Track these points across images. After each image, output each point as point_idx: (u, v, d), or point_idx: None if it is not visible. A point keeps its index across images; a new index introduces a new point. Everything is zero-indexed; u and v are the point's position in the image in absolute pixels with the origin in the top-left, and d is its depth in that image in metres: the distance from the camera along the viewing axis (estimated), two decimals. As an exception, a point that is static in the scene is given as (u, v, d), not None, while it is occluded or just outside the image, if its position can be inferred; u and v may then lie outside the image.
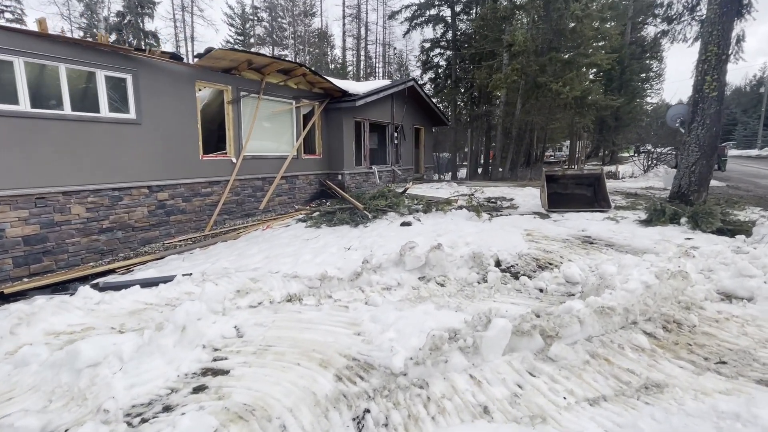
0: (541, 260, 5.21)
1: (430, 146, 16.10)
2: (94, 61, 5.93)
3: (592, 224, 6.86)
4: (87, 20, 26.76)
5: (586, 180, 8.68)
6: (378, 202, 8.04)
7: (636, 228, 6.47)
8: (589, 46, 12.96)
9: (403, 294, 4.27)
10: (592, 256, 5.29)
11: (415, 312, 3.60)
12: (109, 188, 6.27)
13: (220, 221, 8.17)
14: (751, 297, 3.61)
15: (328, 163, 11.01)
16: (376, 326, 3.40)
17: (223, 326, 3.57)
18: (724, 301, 3.66)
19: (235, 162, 8.29)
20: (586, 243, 5.91)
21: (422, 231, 6.71)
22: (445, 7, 18.88)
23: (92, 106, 6.02)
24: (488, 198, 9.86)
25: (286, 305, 4.01)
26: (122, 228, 6.52)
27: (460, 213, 7.71)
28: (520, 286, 4.33)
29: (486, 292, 4.17)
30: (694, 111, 7.57)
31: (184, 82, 7.23)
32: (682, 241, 5.58)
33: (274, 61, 8.31)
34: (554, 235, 6.34)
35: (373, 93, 10.88)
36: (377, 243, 6.15)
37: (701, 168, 7.45)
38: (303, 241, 6.65)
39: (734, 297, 3.69)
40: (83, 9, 26.73)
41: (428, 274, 4.77)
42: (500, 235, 6.30)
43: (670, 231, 6.13)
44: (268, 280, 4.64)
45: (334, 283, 4.44)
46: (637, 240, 5.83)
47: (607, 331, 3.17)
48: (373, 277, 4.51)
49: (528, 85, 13.73)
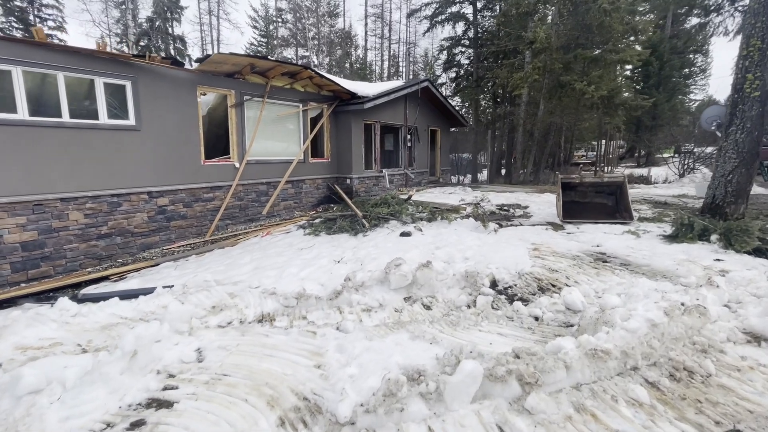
0: (543, 281, 4.74)
1: (447, 148, 15.59)
2: (92, 69, 5.97)
3: (609, 238, 6.26)
4: (123, 26, 28.00)
5: (607, 188, 8.00)
6: (380, 209, 7.73)
7: (658, 245, 5.82)
8: (618, 41, 12.04)
9: (384, 317, 3.95)
10: (603, 277, 4.75)
11: (385, 342, 3.29)
12: (107, 194, 6.31)
13: (222, 226, 8.13)
14: (785, 340, 3.05)
15: (337, 166, 10.81)
16: (341, 358, 3.11)
17: (185, 348, 3.39)
18: (752, 343, 3.10)
19: (238, 167, 8.23)
20: (598, 261, 5.36)
21: (421, 243, 6.34)
22: (467, 4, 18.24)
23: (91, 113, 6.06)
24: (501, 205, 9.32)
25: (256, 326, 3.79)
26: (121, 234, 6.55)
27: (465, 223, 7.27)
28: (512, 312, 3.90)
29: (472, 319, 3.78)
30: (733, 113, 6.77)
31: (186, 87, 7.20)
32: (710, 262, 4.93)
33: (278, 64, 8.17)
34: (564, 250, 5.81)
35: (383, 95, 10.57)
36: (371, 255, 5.85)
37: (739, 177, 6.65)
38: (296, 250, 6.45)
39: (764, 339, 3.12)
40: (119, 15, 27.99)
41: (415, 294, 4.43)
42: (504, 250, 5.84)
43: (697, 250, 5.46)
44: (245, 296, 4.45)
45: (311, 303, 4.18)
46: (658, 259, 5.22)
47: (600, 378, 2.73)
48: (354, 297, 4.22)
49: (551, 84, 12.95)
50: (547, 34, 11.86)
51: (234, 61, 7.46)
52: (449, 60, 19.64)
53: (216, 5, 27.01)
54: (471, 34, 18.78)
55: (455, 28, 18.55)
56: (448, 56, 19.56)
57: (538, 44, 11.89)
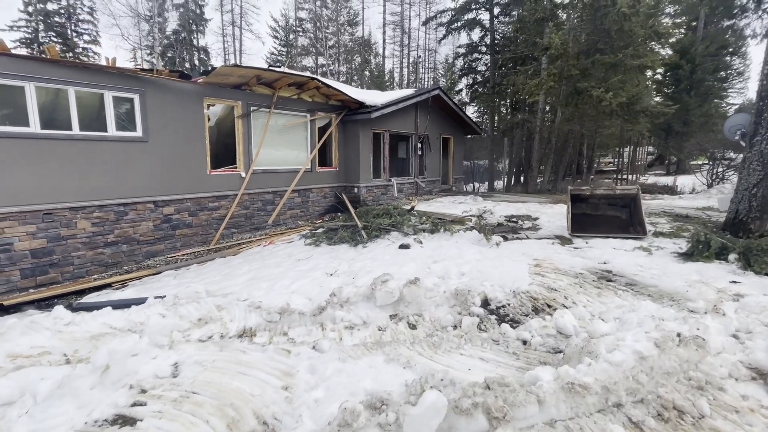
0: (539, 300, 4.52)
1: (460, 156, 15.38)
2: (102, 83, 6.21)
3: (618, 255, 5.93)
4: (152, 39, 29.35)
5: (621, 200, 7.62)
6: (381, 220, 7.65)
7: (671, 263, 5.46)
8: (640, 46, 11.53)
9: (365, 336, 3.85)
10: (604, 298, 4.48)
11: (359, 365, 3.19)
12: (114, 203, 6.52)
13: (227, 235, 8.25)
14: (794, 379, 2.75)
15: (345, 175, 10.82)
16: (310, 380, 3.04)
17: (162, 363, 3.40)
18: (756, 380, 2.81)
19: (244, 176, 8.36)
20: (602, 280, 5.07)
21: (418, 256, 6.21)
22: (484, 11, 18.01)
23: (100, 125, 6.29)
24: (509, 216, 9.05)
25: (235, 342, 3.77)
26: (127, 242, 6.75)
27: (468, 235, 7.08)
28: (499, 335, 3.72)
29: (455, 341, 3.62)
30: (758, 122, 6.32)
31: (192, 99, 7.39)
32: (725, 284, 4.57)
33: (284, 75, 8.28)
34: (567, 267, 5.54)
35: (391, 104, 10.54)
36: (366, 268, 5.77)
37: (764, 190, 6.18)
38: (294, 261, 6.45)
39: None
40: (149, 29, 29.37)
41: (402, 311, 4.31)
42: (503, 265, 5.63)
43: (713, 270, 5.08)
44: (232, 309, 4.46)
45: (294, 318, 4.14)
46: (667, 279, 4.89)
47: (578, 415, 2.53)
48: (338, 314, 4.14)
49: (568, 90, 12.55)
50: (563, 40, 11.52)
51: (240, 73, 7.61)
52: (466, 67, 19.43)
53: (239, 17, 27.88)
54: (488, 40, 18.55)
55: (470, 36, 18.32)
56: (465, 63, 19.36)
57: (553, 50, 11.56)
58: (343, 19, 35.00)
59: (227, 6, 28.62)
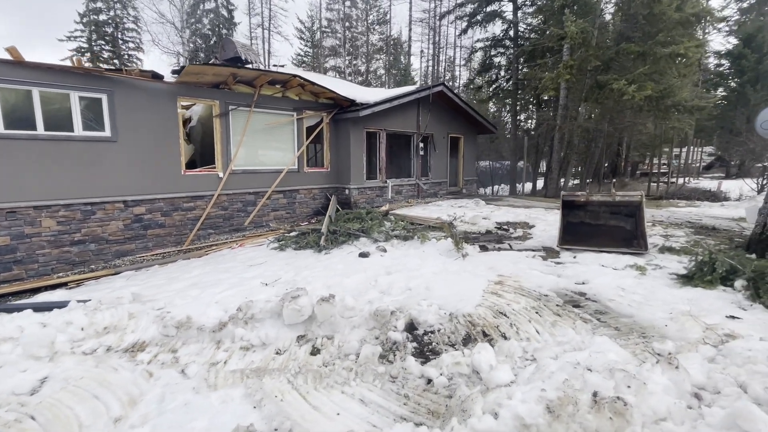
0: (478, 327, 3.85)
1: (472, 157, 14.45)
2: (67, 84, 6.27)
3: (602, 274, 5.03)
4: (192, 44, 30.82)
5: (625, 209, 6.57)
6: (351, 225, 7.17)
7: (662, 287, 4.51)
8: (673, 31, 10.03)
9: (255, 359, 3.41)
10: (558, 329, 3.72)
11: (210, 399, 2.77)
12: (81, 203, 6.58)
13: (204, 235, 8.16)
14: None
15: (337, 176, 10.45)
16: (149, 412, 2.66)
17: (29, 377, 3.19)
18: (696, 469, 2.04)
19: (221, 176, 8.22)
20: (568, 305, 4.27)
21: (374, 266, 5.67)
22: (506, 1, 16.87)
23: (66, 125, 6.36)
24: (502, 223, 8.20)
25: (115, 357, 3.48)
26: (95, 241, 6.80)
27: (439, 244, 6.42)
28: (400, 370, 3.13)
29: (344, 375, 3.08)
30: (795, 116, 5.12)
31: (165, 99, 7.33)
32: (720, 319, 3.63)
33: (262, 73, 8.04)
34: (534, 286, 4.76)
35: (384, 102, 10.00)
36: (310, 278, 5.34)
37: (800, 201, 4.98)
38: (246, 267, 6.15)
39: (718, 465, 2.04)
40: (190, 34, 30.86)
41: (313, 332, 3.82)
42: (459, 281, 4.96)
43: (712, 299, 4.09)
44: (142, 318, 4.20)
45: (191, 334, 3.79)
46: (648, 309, 4.00)
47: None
48: (238, 331, 3.74)
49: (589, 84, 11.27)
50: (582, 29, 10.33)
51: (214, 71, 7.46)
52: (487, 62, 18.32)
53: (267, 20, 28.51)
54: (512, 33, 17.36)
55: (486, 29, 17.13)
56: (486, 58, 18.25)
57: (569, 40, 10.39)
58: (372, 18, 34.74)
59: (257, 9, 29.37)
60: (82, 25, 30.72)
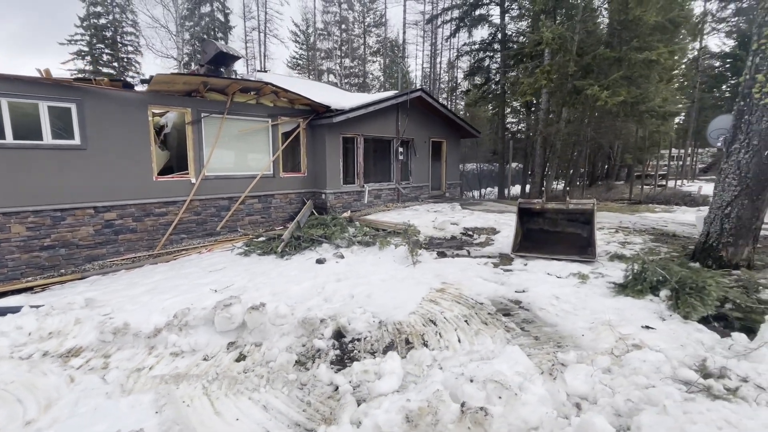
0: (404, 335, 3.98)
1: (455, 161, 14.54)
2: (36, 94, 6.47)
3: (544, 282, 5.13)
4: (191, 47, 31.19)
5: (581, 216, 6.64)
6: (314, 231, 7.32)
7: (595, 297, 4.60)
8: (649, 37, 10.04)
9: (181, 365, 3.56)
10: (479, 338, 3.84)
11: (119, 405, 2.91)
12: (50, 209, 6.78)
13: (177, 240, 8.34)
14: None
15: (314, 181, 10.60)
16: (60, 415, 2.81)
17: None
18: (542, 477, 2.15)
19: (194, 182, 8.40)
20: (499, 313, 4.38)
21: (326, 272, 5.81)
22: (494, 5, 16.91)
23: (35, 134, 6.57)
24: (470, 229, 8.31)
25: (47, 362, 3.64)
26: (65, 246, 7.00)
27: (397, 251, 6.53)
28: (310, 377, 3.26)
29: (255, 381, 3.22)
30: (737, 125, 5.20)
31: (135, 107, 7.52)
32: (634, 329, 3.72)
33: (234, 81, 8.21)
34: (474, 294, 4.88)
35: (359, 107, 10.13)
36: (260, 284, 5.49)
37: (740, 210, 5.05)
38: (207, 272, 6.31)
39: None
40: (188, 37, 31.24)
41: (244, 339, 3.96)
42: (402, 288, 5.09)
43: (637, 308, 4.18)
44: (86, 323, 4.37)
45: (127, 340, 3.95)
46: (573, 318, 4.11)
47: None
48: (171, 338, 3.89)
49: (566, 89, 11.32)
50: (558, 34, 10.39)
51: (184, 80, 7.63)
52: (474, 65, 18.38)
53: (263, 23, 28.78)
54: (500, 36, 17.41)
55: (471, 34, 17.19)
56: (474, 62, 18.32)
57: (545, 45, 10.45)
58: (370, 21, 34.91)
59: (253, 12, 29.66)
60: (82, 29, 31.20)
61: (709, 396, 2.54)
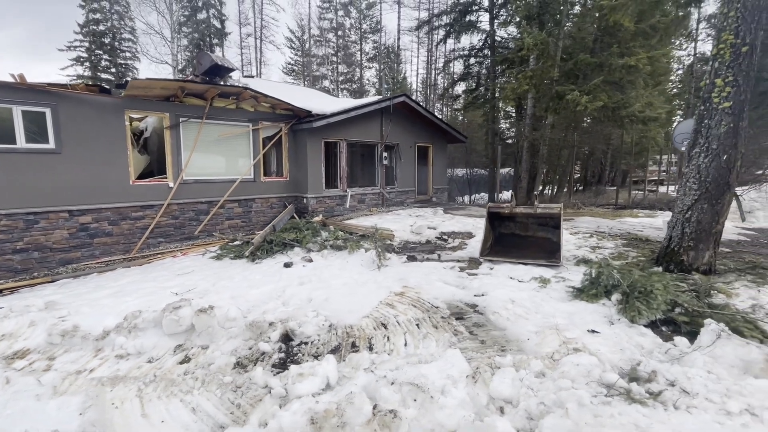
0: (352, 338, 3.98)
1: (442, 166, 14.58)
2: (10, 99, 6.55)
3: (504, 286, 5.11)
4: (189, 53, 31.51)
5: (551, 220, 6.64)
6: (287, 235, 7.33)
7: (551, 301, 4.59)
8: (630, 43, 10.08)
9: (123, 368, 3.56)
10: (427, 341, 3.84)
11: (47, 407, 2.91)
12: (23, 212, 6.83)
13: (154, 243, 8.37)
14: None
15: (296, 186, 10.64)
16: (-14, 418, 2.81)
17: None
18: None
19: (172, 186, 8.44)
20: (452, 317, 4.38)
21: (290, 276, 5.82)
22: (483, 12, 17.06)
23: (8, 138, 6.63)
24: (445, 233, 8.31)
25: (-8, 365, 3.65)
26: (38, 249, 7.03)
27: (366, 255, 6.53)
28: (246, 380, 3.25)
29: (191, 383, 3.22)
30: (698, 129, 5.22)
31: (112, 112, 7.59)
32: (581, 333, 3.71)
33: (212, 86, 8.28)
34: (432, 298, 4.88)
35: (340, 113, 10.20)
36: (223, 287, 5.49)
37: (700, 214, 5.04)
38: (175, 275, 6.32)
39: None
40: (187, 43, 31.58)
41: (192, 342, 3.97)
42: (361, 293, 5.09)
43: (590, 312, 4.17)
44: (39, 326, 4.38)
45: (75, 342, 3.95)
46: (524, 322, 4.09)
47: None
48: (119, 340, 3.90)
49: (549, 95, 11.36)
50: (540, 40, 10.45)
51: (161, 85, 7.71)
52: (465, 71, 18.48)
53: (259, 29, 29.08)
54: (489, 42, 17.52)
55: (459, 40, 17.30)
56: (465, 68, 18.42)
57: (526, 51, 10.52)
58: (366, 27, 35.20)
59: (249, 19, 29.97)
60: (81, 35, 31.59)
61: (627, 400, 2.52)
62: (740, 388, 2.62)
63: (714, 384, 2.71)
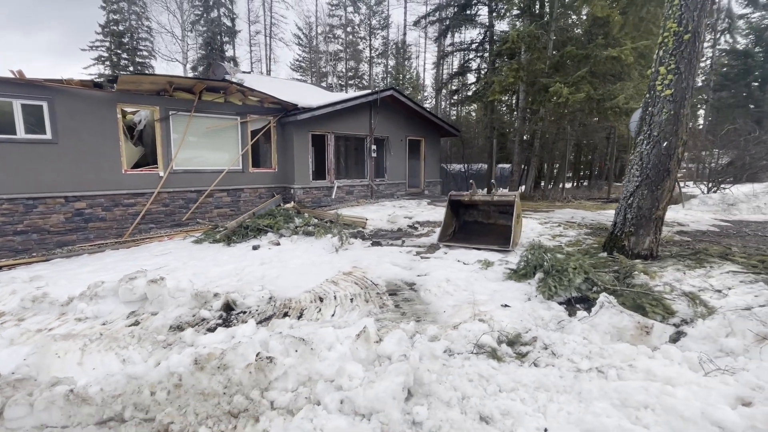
0: (286, 309, 4.32)
1: (434, 159, 14.74)
2: (10, 93, 7.17)
3: (448, 268, 5.35)
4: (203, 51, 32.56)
5: (510, 208, 6.79)
6: (261, 221, 7.74)
7: (484, 281, 4.82)
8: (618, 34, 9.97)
9: (77, 329, 4.01)
10: (352, 313, 4.14)
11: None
12: (23, 197, 7.47)
13: (145, 229, 8.94)
14: None
15: (284, 177, 11.06)
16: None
17: None
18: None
19: (162, 176, 8.99)
20: (388, 293, 4.69)
21: (254, 258, 6.21)
22: (482, 5, 17.03)
23: (9, 129, 7.26)
24: (417, 223, 8.56)
25: (-30, 324, 4.17)
26: (37, 231, 7.67)
27: (333, 240, 6.86)
28: (176, 339, 3.63)
29: (127, 340, 3.63)
30: (643, 117, 5.31)
31: (105, 105, 8.16)
32: (495, 307, 3.94)
33: (199, 81, 8.76)
34: (375, 276, 5.18)
35: (325, 106, 10.54)
36: (191, 266, 5.93)
37: (640, 200, 5.14)
38: (153, 256, 6.83)
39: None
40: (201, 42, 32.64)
41: (144, 309, 4.39)
42: (312, 272, 5.44)
43: (513, 290, 4.38)
44: (20, 293, 4.90)
45: (43, 306, 4.44)
46: (449, 298, 4.36)
47: (72, 425, 2.44)
48: (80, 306, 4.36)
49: (535, 88, 11.35)
50: (527, 32, 10.47)
51: (150, 80, 8.23)
52: (463, 66, 18.50)
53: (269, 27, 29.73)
54: (488, 36, 17.50)
55: (454, 35, 17.30)
56: (463, 62, 18.45)
57: (510, 44, 10.57)
58: (375, 23, 35.40)
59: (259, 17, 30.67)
60: (102, 35, 33.06)
61: (490, 357, 2.77)
62: (602, 351, 2.83)
63: (582, 348, 2.92)
